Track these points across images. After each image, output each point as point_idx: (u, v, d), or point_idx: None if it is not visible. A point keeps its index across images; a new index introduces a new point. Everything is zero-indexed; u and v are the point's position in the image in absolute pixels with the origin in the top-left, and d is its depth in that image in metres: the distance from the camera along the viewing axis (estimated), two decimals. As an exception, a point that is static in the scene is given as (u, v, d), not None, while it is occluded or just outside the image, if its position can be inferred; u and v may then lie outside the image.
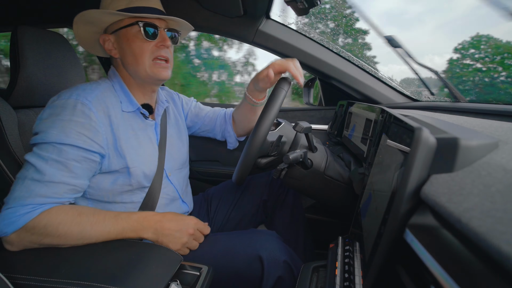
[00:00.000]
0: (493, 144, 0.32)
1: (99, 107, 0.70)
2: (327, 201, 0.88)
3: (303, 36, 1.21)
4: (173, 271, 0.60)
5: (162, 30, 0.76)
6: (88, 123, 0.67)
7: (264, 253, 0.69)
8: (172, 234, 0.69)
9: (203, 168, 1.44)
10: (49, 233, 0.60)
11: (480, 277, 0.20)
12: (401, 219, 0.31)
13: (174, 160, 0.90)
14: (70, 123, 0.65)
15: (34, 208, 0.60)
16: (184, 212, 0.94)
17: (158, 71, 0.77)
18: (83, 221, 0.62)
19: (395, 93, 1.21)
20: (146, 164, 0.78)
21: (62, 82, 0.93)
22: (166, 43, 0.76)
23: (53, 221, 0.60)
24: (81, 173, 0.67)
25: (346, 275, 0.48)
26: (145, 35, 0.74)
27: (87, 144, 0.66)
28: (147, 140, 0.81)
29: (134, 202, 0.79)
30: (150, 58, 0.76)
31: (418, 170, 0.31)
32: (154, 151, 0.82)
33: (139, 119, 0.80)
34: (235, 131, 1.07)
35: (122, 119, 0.75)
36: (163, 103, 0.90)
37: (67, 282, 0.51)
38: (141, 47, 0.75)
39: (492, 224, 0.21)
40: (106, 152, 0.71)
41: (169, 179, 0.87)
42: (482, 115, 0.62)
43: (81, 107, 0.67)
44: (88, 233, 0.62)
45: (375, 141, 0.61)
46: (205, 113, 1.08)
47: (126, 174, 0.75)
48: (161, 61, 0.77)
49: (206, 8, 1.16)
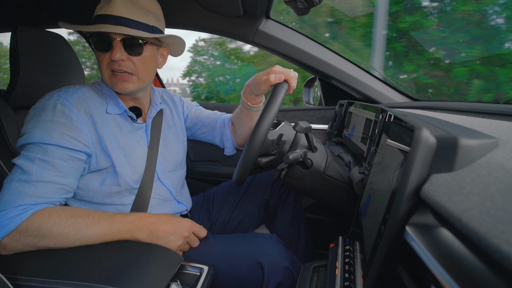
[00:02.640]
0: (493, 143, 0.32)
1: (80, 107, 0.70)
2: (327, 201, 0.88)
3: (303, 36, 1.21)
4: (173, 271, 0.60)
5: (117, 41, 0.69)
6: (70, 123, 0.68)
7: (265, 260, 0.69)
8: (167, 236, 0.69)
9: (203, 168, 1.44)
10: (43, 235, 0.59)
11: (480, 276, 0.20)
12: (401, 219, 0.31)
13: (167, 162, 0.90)
14: (52, 123, 0.66)
15: (25, 209, 0.60)
16: (181, 212, 0.94)
17: (115, 83, 0.73)
18: (78, 222, 0.62)
19: (395, 92, 1.21)
20: (132, 165, 0.78)
21: (61, 82, 0.93)
22: (114, 56, 0.69)
23: (46, 222, 0.60)
24: (68, 172, 0.67)
25: (347, 275, 0.48)
26: (96, 48, 0.71)
27: (71, 143, 0.67)
28: (134, 141, 0.81)
29: (125, 204, 0.79)
30: (108, 70, 0.72)
31: (418, 169, 0.31)
32: (142, 153, 0.82)
33: (127, 121, 0.81)
34: (234, 137, 1.05)
35: (106, 120, 0.75)
36: (157, 106, 0.89)
37: (68, 283, 0.51)
38: (99, 58, 0.73)
39: (492, 223, 0.21)
40: (93, 151, 0.71)
41: (161, 181, 0.87)
42: (482, 114, 0.62)
43: (60, 107, 0.68)
44: (84, 234, 0.62)
45: (375, 140, 0.61)
46: (206, 115, 1.07)
47: (113, 174, 0.75)
48: (117, 73, 0.72)
49: (206, 8, 1.16)
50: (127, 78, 0.73)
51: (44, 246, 0.61)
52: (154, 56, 0.78)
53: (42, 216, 0.60)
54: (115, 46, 0.69)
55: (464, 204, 0.25)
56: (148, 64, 0.76)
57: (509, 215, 0.21)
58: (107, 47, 0.70)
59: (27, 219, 0.59)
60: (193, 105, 1.09)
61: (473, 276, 0.21)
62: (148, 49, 0.75)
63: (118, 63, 0.71)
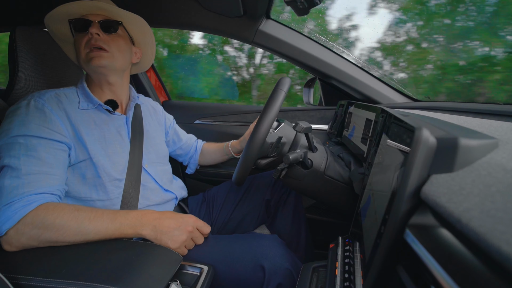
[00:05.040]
0: (493, 144, 0.32)
1: (53, 103, 0.74)
2: (327, 201, 0.88)
3: (303, 36, 1.21)
4: (173, 271, 0.60)
5: (95, 22, 0.80)
6: (44, 115, 0.70)
7: (267, 261, 0.69)
8: (171, 231, 0.69)
9: (203, 168, 1.44)
10: (47, 227, 0.60)
11: (480, 277, 0.20)
12: (401, 219, 0.31)
13: (150, 154, 0.92)
14: (27, 117, 0.68)
15: (30, 201, 0.60)
16: (170, 199, 0.96)
17: (91, 59, 0.79)
18: (81, 215, 0.63)
19: (395, 93, 1.21)
20: (111, 155, 0.79)
21: (60, 82, 0.93)
22: (92, 31, 0.78)
23: (50, 215, 0.60)
24: (55, 163, 0.68)
25: (346, 275, 0.48)
26: (75, 30, 0.81)
27: (49, 134, 0.69)
28: (114, 132, 0.83)
29: (112, 199, 0.78)
30: (86, 49, 0.79)
31: (418, 170, 0.31)
32: (123, 144, 0.84)
33: (103, 114, 0.83)
34: (199, 160, 1.23)
35: (80, 115, 0.78)
36: (135, 99, 0.94)
37: (67, 282, 0.51)
38: (78, 40, 0.81)
39: (492, 224, 0.21)
40: (70, 143, 0.73)
41: (146, 170, 0.88)
42: (482, 115, 0.62)
43: (34, 103, 0.71)
44: (86, 228, 0.62)
45: (375, 141, 0.61)
46: (184, 140, 1.20)
47: (91, 166, 0.76)
48: (94, 49, 0.79)
49: (206, 8, 1.16)
50: (102, 53, 0.80)
51: (46, 240, 0.61)
52: (126, 39, 0.88)
53: (47, 208, 0.61)
54: (93, 26, 0.79)
55: (464, 205, 0.25)
56: (121, 43, 0.84)
57: (509, 216, 0.21)
58: (86, 28, 0.80)
59: (32, 211, 0.60)
60: (171, 120, 1.18)
61: (473, 277, 0.21)
62: (121, 31, 0.86)
63: (95, 39, 0.79)
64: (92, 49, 0.79)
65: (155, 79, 1.67)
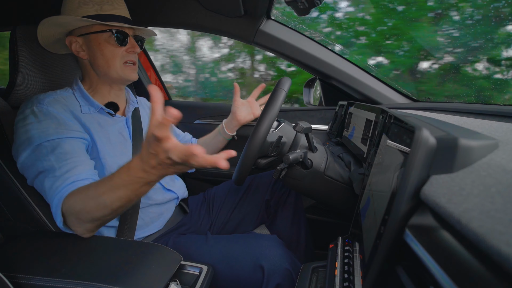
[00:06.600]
0: (493, 144, 0.32)
1: (57, 106, 0.74)
2: (327, 202, 0.88)
3: (303, 36, 1.21)
4: (172, 270, 0.60)
5: (131, 38, 0.83)
6: (56, 119, 0.72)
7: (266, 262, 0.69)
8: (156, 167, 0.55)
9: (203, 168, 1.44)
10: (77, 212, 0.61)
11: (479, 278, 0.20)
12: (401, 220, 0.31)
13: None
14: (41, 124, 0.69)
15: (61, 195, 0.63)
16: (172, 199, 0.96)
17: (129, 73, 0.85)
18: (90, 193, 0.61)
19: (395, 93, 1.21)
20: (118, 156, 0.80)
21: (60, 82, 0.93)
22: (135, 49, 0.84)
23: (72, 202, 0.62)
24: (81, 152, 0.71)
25: (346, 276, 0.48)
26: (117, 42, 0.81)
27: (68, 133, 0.71)
28: (117, 134, 0.84)
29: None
30: (121, 62, 0.83)
31: (418, 170, 0.31)
32: (127, 144, 0.86)
33: (105, 117, 0.85)
34: None
35: (84, 118, 0.79)
36: (134, 102, 0.96)
37: (67, 282, 0.51)
38: (113, 52, 0.81)
39: (492, 225, 0.21)
40: (88, 138, 0.75)
41: None
42: (482, 115, 0.62)
43: (38, 110, 0.72)
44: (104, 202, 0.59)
45: (375, 141, 0.61)
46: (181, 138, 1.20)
47: (99, 166, 0.77)
48: (130, 65, 0.85)
49: (207, 8, 1.16)
50: (135, 68, 0.87)
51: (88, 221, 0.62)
52: None
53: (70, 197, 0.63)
54: (132, 42, 0.83)
55: (464, 205, 0.25)
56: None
57: (509, 217, 0.21)
58: (124, 42, 0.82)
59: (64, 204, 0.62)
60: None
61: (472, 278, 0.21)
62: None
63: (134, 56, 0.85)
64: (129, 64, 0.84)
65: (155, 78, 1.67)
